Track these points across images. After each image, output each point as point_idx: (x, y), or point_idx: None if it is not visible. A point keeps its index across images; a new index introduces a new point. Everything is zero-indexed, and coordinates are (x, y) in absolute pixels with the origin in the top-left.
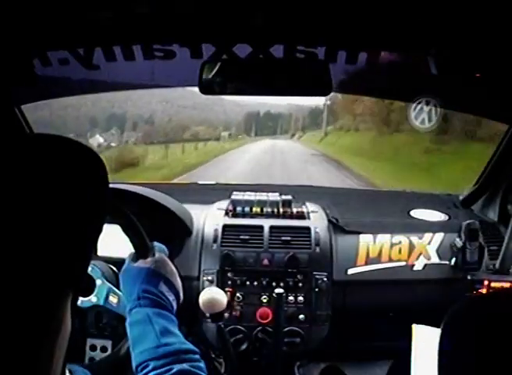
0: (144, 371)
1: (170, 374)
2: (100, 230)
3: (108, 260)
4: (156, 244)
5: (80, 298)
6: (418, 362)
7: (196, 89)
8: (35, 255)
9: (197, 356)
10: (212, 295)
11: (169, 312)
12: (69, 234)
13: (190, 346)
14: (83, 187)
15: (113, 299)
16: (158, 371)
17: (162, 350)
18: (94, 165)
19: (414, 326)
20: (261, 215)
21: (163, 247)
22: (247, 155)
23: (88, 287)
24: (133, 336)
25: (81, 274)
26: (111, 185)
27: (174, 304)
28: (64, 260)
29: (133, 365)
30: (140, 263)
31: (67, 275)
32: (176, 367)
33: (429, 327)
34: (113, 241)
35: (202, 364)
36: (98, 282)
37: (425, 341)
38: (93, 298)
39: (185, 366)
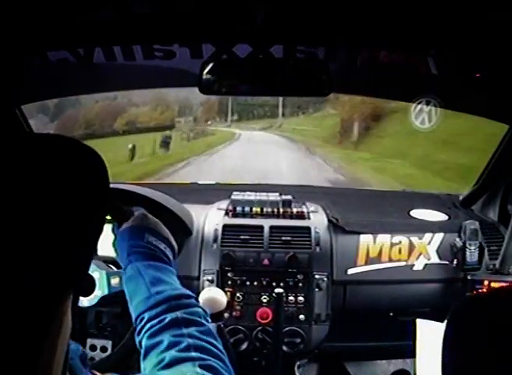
0: (141, 324)
1: (163, 325)
2: (101, 230)
3: (108, 260)
4: (133, 207)
5: (85, 299)
6: (422, 356)
7: None
8: (35, 255)
9: (192, 300)
10: (212, 295)
11: (163, 261)
12: (69, 234)
13: (182, 291)
14: (83, 186)
15: (115, 281)
16: (152, 322)
17: (153, 299)
18: (95, 164)
19: (417, 320)
20: (261, 215)
21: (140, 207)
22: None
23: (89, 287)
24: (127, 292)
25: (82, 274)
26: (111, 185)
27: (168, 252)
28: (65, 260)
29: (133, 320)
30: (124, 226)
31: (68, 275)
32: (169, 316)
33: (433, 322)
34: (110, 241)
35: (198, 308)
36: (96, 275)
37: (429, 336)
38: (97, 292)
39: (178, 314)
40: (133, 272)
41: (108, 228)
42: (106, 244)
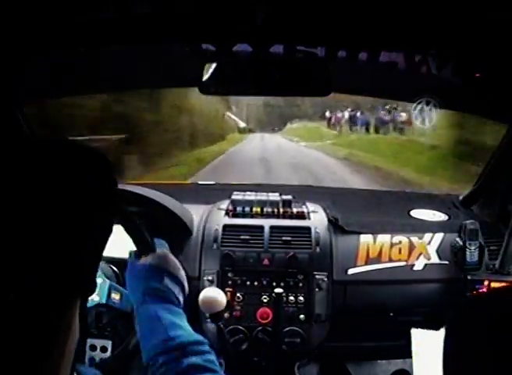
0: (155, 366)
1: (180, 369)
2: (109, 232)
3: (110, 260)
4: (156, 240)
5: None
6: (419, 364)
7: None
8: (43, 258)
9: (207, 347)
10: (211, 295)
11: (175, 304)
12: (70, 234)
13: (199, 337)
14: (91, 189)
15: (115, 296)
16: (169, 366)
17: (171, 343)
18: (97, 165)
19: (412, 330)
20: (262, 215)
21: (163, 242)
22: None
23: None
24: (142, 333)
25: (88, 277)
26: None
27: (180, 297)
28: (72, 263)
29: (144, 360)
30: (142, 260)
31: (72, 277)
32: (186, 361)
33: (427, 331)
34: (114, 241)
35: (212, 356)
36: (99, 280)
37: (425, 345)
38: (95, 297)
39: (195, 359)
40: (150, 314)
41: (116, 228)
42: (107, 244)
